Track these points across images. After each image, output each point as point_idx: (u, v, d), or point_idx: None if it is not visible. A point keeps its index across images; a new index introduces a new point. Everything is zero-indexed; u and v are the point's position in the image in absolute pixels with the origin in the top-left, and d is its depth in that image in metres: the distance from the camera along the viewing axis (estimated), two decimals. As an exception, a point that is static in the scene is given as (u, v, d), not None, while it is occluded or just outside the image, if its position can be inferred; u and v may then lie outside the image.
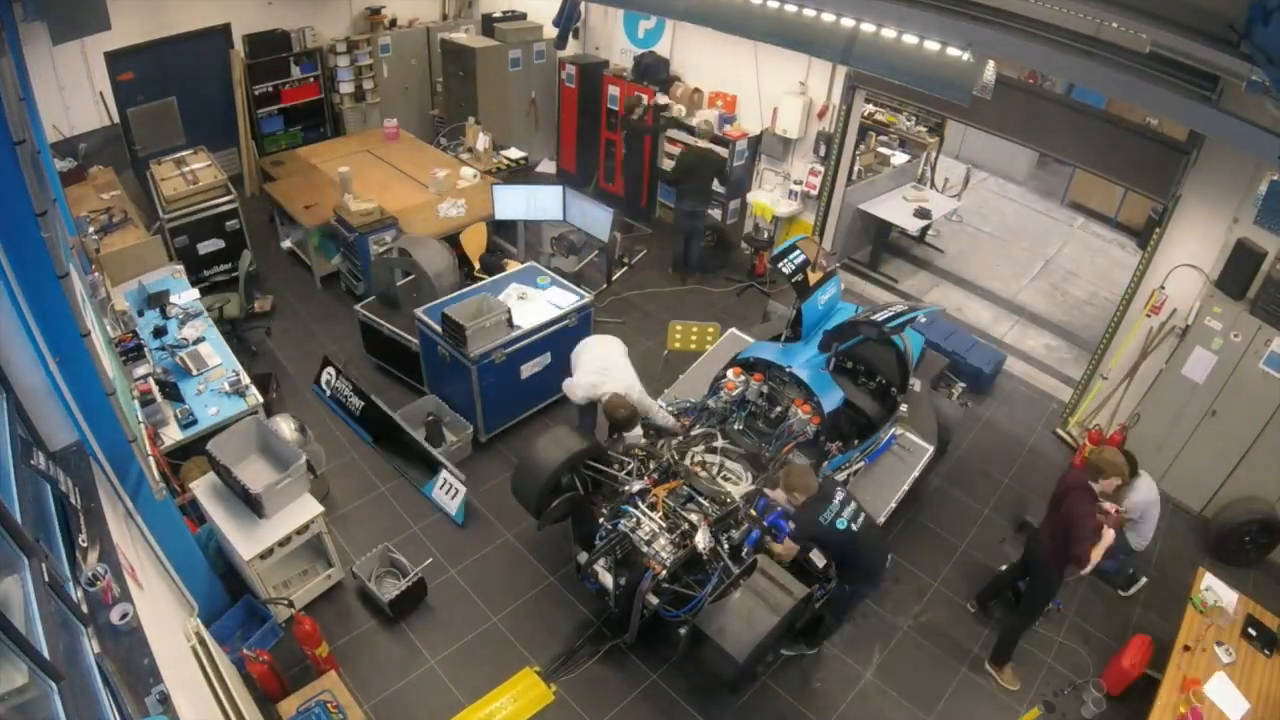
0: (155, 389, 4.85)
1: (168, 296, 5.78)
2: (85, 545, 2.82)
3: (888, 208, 8.52)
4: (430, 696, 4.30)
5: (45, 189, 3.39)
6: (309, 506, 4.42)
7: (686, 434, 4.93)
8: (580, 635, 4.65)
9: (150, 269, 6.22)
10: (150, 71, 7.92)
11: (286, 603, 4.41)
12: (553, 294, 6.18)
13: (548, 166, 9.21)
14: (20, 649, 1.97)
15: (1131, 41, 3.48)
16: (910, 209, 8.52)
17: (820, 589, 4.36)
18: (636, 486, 4.40)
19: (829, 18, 4.38)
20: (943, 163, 9.80)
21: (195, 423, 4.82)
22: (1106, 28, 3.50)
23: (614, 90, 8.81)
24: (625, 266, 7.81)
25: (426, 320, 5.69)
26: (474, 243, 7.25)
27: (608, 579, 4.34)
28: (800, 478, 3.98)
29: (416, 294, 6.22)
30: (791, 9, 4.49)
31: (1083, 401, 6.57)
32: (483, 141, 8.52)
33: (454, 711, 4.23)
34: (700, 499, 4.42)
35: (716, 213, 8.50)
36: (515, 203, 7.12)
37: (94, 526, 2.94)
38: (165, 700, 2.47)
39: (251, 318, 6.86)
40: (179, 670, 2.99)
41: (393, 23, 9.46)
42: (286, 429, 5.12)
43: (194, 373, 5.14)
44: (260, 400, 5.06)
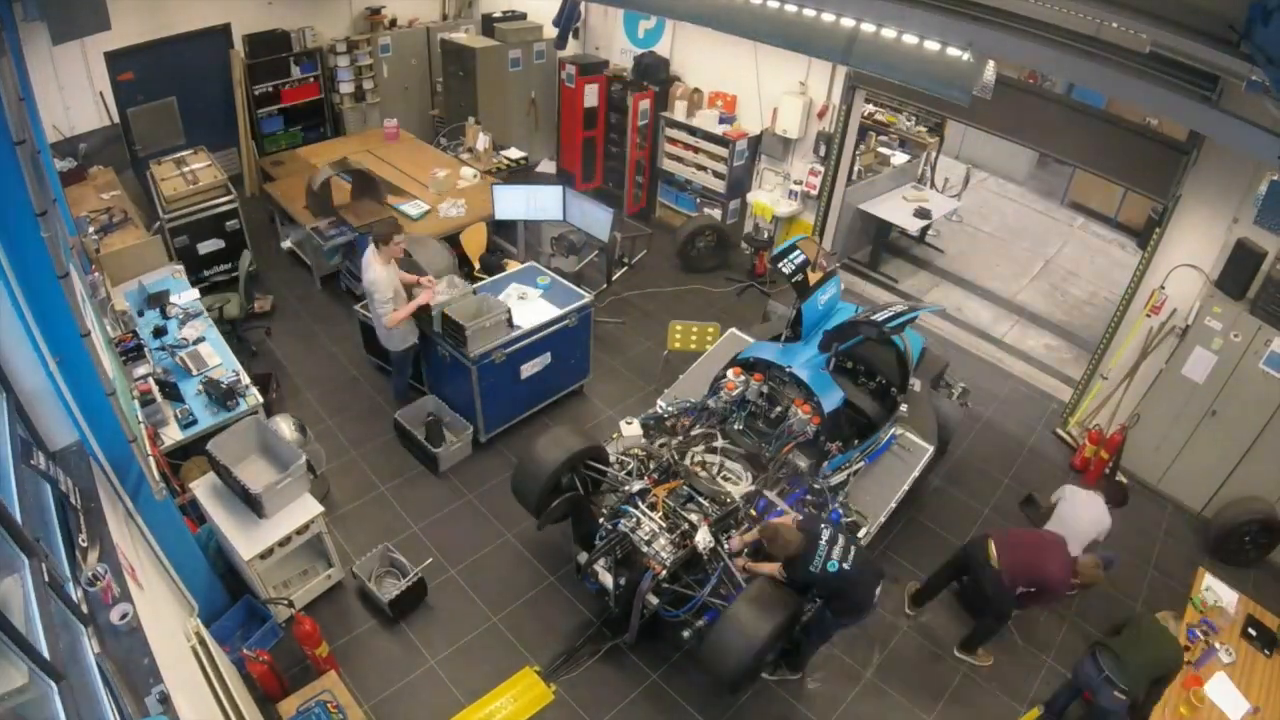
0: (155, 389, 4.85)
1: (168, 296, 5.79)
2: (85, 545, 2.82)
3: (888, 208, 8.52)
4: (430, 696, 4.30)
5: (45, 189, 3.39)
6: (309, 506, 4.42)
7: (686, 434, 4.93)
8: (580, 635, 4.64)
9: (150, 269, 6.23)
10: (150, 71, 7.91)
11: (286, 603, 4.41)
12: (539, 304, 6.04)
13: (548, 166, 9.20)
14: (20, 649, 1.97)
15: (1131, 41, 3.48)
16: (910, 209, 8.53)
17: (813, 602, 4.35)
18: (636, 486, 4.40)
19: (829, 18, 4.37)
20: (943, 163, 9.80)
21: (195, 423, 4.82)
22: (1106, 28, 3.50)
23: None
24: (625, 266, 7.81)
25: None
26: (474, 243, 7.25)
27: (608, 579, 4.34)
28: (780, 541, 3.86)
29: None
30: (791, 9, 4.49)
31: (1083, 401, 6.57)
32: (483, 141, 8.51)
33: (454, 711, 4.23)
34: (700, 499, 4.42)
35: (716, 212, 8.51)
36: (515, 203, 7.12)
37: (94, 526, 2.94)
38: (165, 700, 2.47)
39: (251, 318, 6.86)
40: (179, 670, 2.98)
41: (393, 23, 9.46)
42: (286, 429, 5.12)
43: (194, 373, 5.14)
44: (260, 400, 5.07)
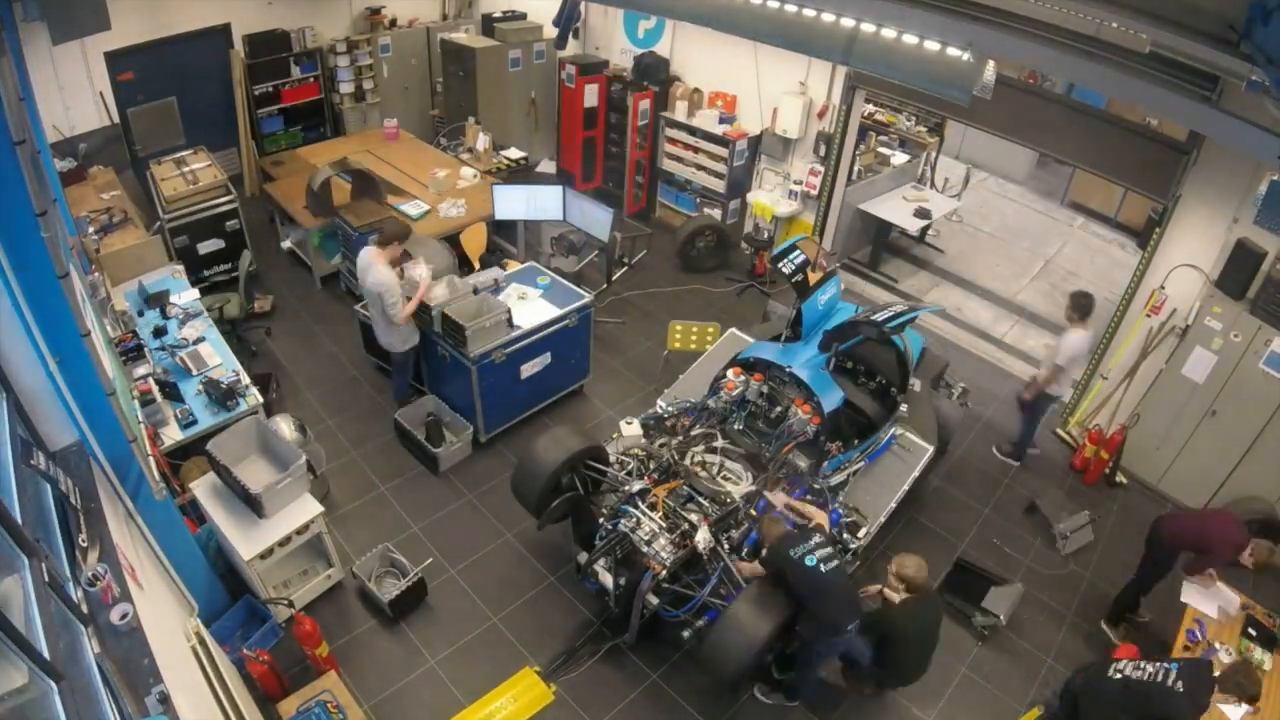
0: (155, 389, 4.85)
1: (168, 296, 5.79)
2: (85, 545, 2.82)
3: (888, 208, 8.52)
4: (430, 696, 4.30)
5: (45, 189, 3.39)
6: (309, 506, 4.42)
7: (686, 434, 4.93)
8: (580, 635, 4.64)
9: (150, 269, 6.23)
10: (150, 71, 7.92)
11: (286, 603, 4.41)
12: (539, 304, 6.03)
13: (548, 166, 9.20)
14: (20, 649, 1.97)
15: (1131, 41, 3.48)
16: (910, 209, 8.52)
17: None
18: (636, 486, 4.40)
19: (829, 18, 4.37)
20: (943, 163, 9.80)
21: (195, 423, 4.82)
22: (1106, 28, 3.50)
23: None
24: (625, 266, 7.81)
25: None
26: (474, 243, 7.25)
27: (608, 579, 4.34)
28: (771, 529, 4.01)
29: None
30: (791, 9, 4.49)
31: (1083, 401, 6.57)
32: (483, 141, 8.51)
33: (454, 711, 4.23)
34: (700, 499, 4.42)
35: (716, 212, 8.51)
36: (515, 203, 7.12)
37: (94, 526, 2.94)
38: (165, 700, 2.47)
39: (251, 318, 6.86)
40: (179, 670, 2.98)
41: (393, 23, 9.46)
42: (286, 429, 5.12)
43: (194, 373, 5.14)
44: (260, 400, 5.06)
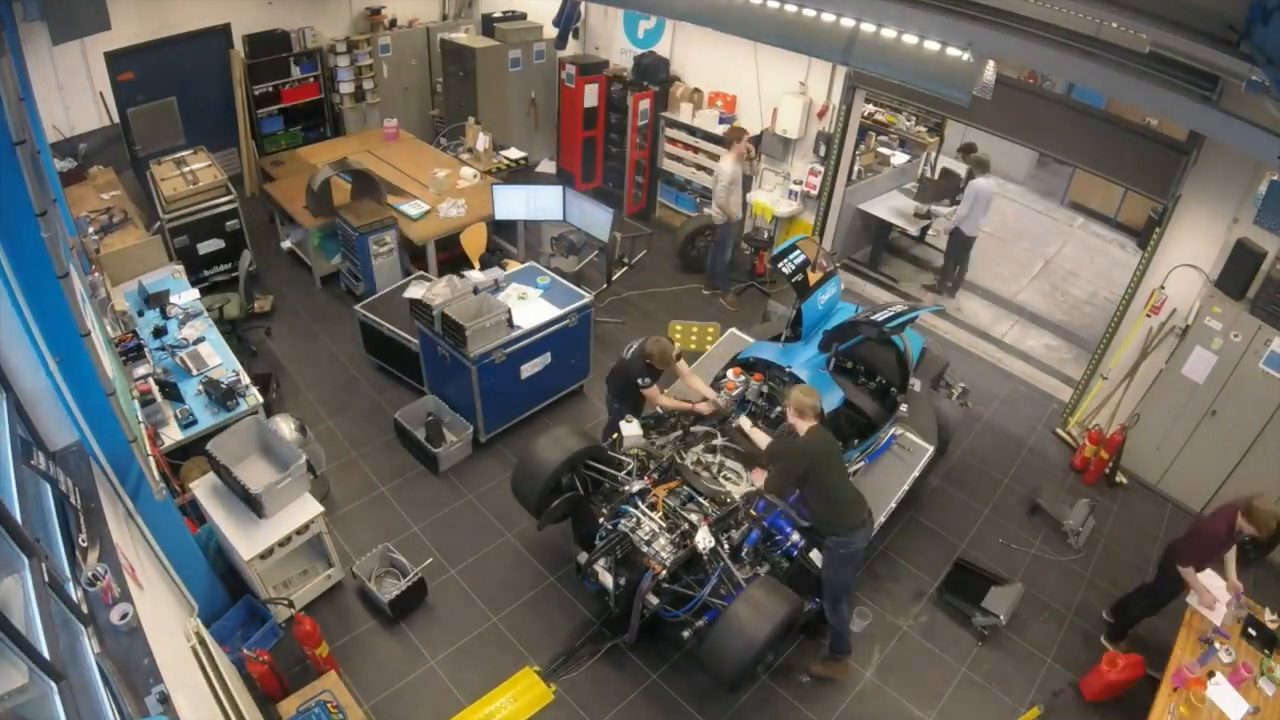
0: (155, 389, 4.85)
1: (168, 296, 5.79)
2: (85, 545, 2.82)
3: (888, 208, 8.52)
4: (430, 696, 4.30)
5: (45, 189, 3.39)
6: (309, 506, 4.42)
7: (686, 434, 4.93)
8: (580, 635, 4.64)
9: (150, 269, 6.22)
10: (150, 71, 7.91)
11: (286, 603, 4.41)
12: (539, 304, 6.04)
13: (548, 166, 9.20)
14: (20, 649, 1.97)
15: (1131, 41, 3.48)
16: (910, 209, 8.52)
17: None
18: (636, 486, 4.40)
19: (829, 18, 4.37)
20: (943, 162, 9.79)
21: (195, 423, 4.82)
22: (1106, 28, 3.50)
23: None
24: (625, 266, 7.80)
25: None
26: (474, 243, 7.25)
27: (608, 579, 4.34)
28: (656, 344, 4.69)
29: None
30: (791, 9, 4.49)
31: (1083, 401, 6.57)
32: (483, 141, 8.51)
33: (454, 711, 4.23)
34: (700, 499, 4.42)
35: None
36: (515, 203, 7.12)
37: (94, 526, 2.94)
38: (165, 700, 2.47)
39: (251, 318, 6.86)
40: (179, 670, 2.99)
41: (393, 23, 9.45)
42: (286, 429, 5.11)
43: (194, 373, 5.14)
44: (260, 400, 5.07)
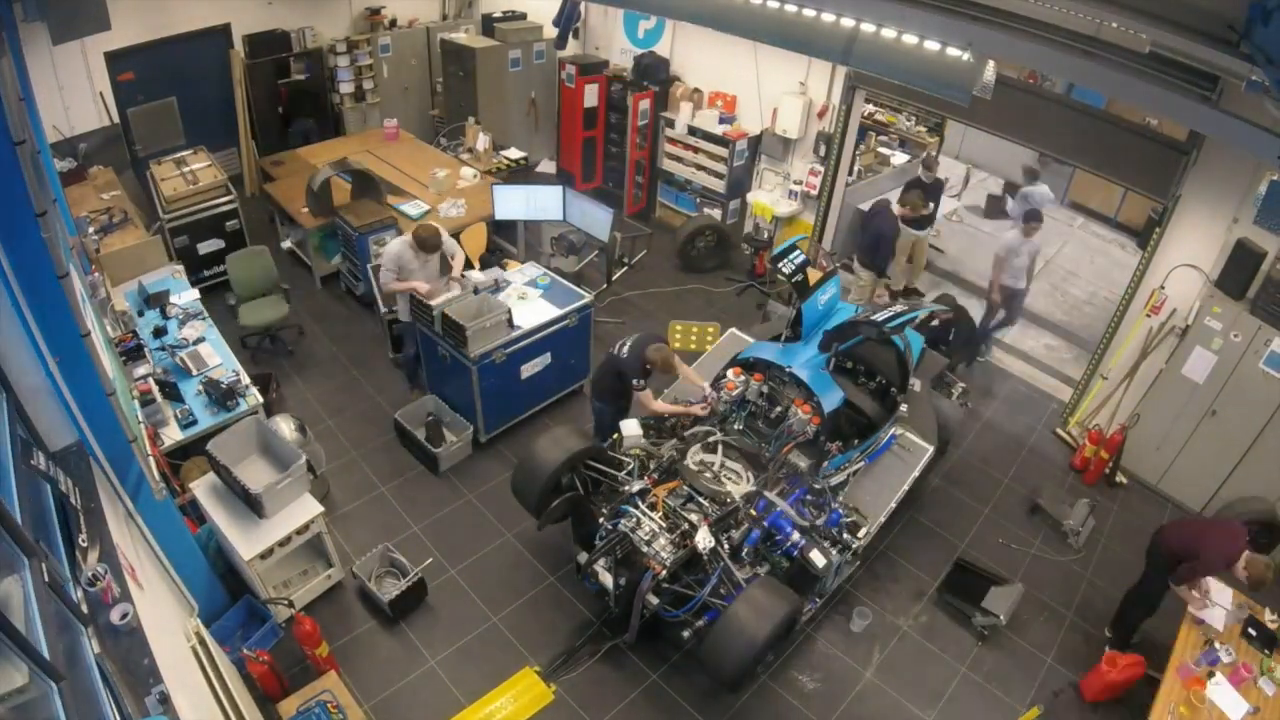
0: (155, 389, 4.85)
1: (168, 296, 5.79)
2: (85, 545, 2.82)
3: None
4: (430, 696, 4.30)
5: (45, 189, 3.39)
6: (309, 506, 4.42)
7: (686, 434, 4.93)
8: (580, 635, 4.65)
9: (150, 269, 6.23)
10: (150, 71, 7.92)
11: (286, 603, 4.41)
12: (539, 304, 6.03)
13: (548, 166, 9.21)
14: (20, 649, 1.96)
15: (1131, 41, 3.47)
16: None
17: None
18: (636, 486, 4.40)
19: (829, 18, 4.37)
20: (943, 162, 9.78)
21: (195, 423, 4.82)
22: (1106, 28, 3.49)
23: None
24: (625, 266, 7.80)
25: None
26: (474, 243, 7.25)
27: (608, 579, 4.34)
28: (658, 353, 4.87)
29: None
30: (791, 9, 4.48)
31: (1083, 401, 6.57)
32: (483, 141, 8.51)
33: (454, 711, 4.23)
34: (700, 499, 4.42)
35: (716, 212, 8.51)
36: (515, 203, 7.12)
37: (94, 526, 2.94)
38: (165, 700, 2.47)
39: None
40: (179, 670, 2.99)
41: (393, 23, 9.46)
42: (286, 429, 5.11)
43: (194, 373, 5.14)
44: (260, 400, 5.07)
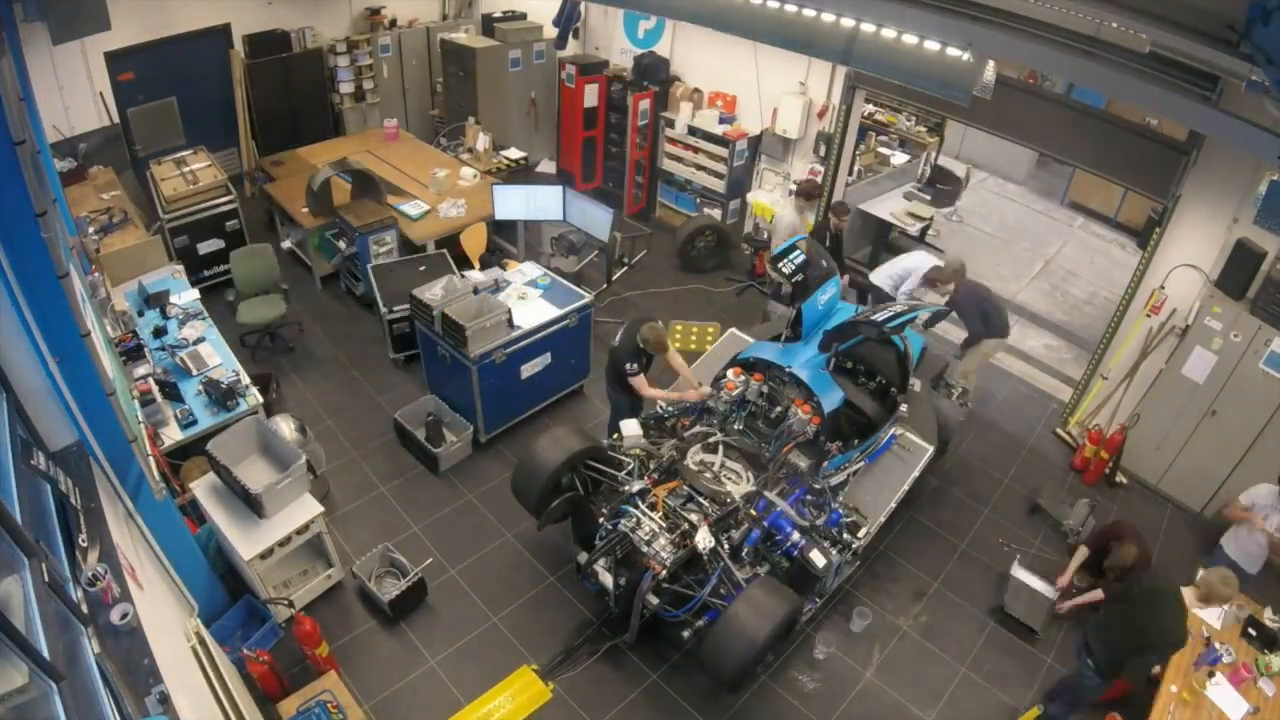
0: (155, 389, 4.85)
1: (168, 296, 5.79)
2: (85, 545, 2.81)
3: (887, 208, 8.52)
4: (430, 696, 4.30)
5: (45, 189, 3.38)
6: (309, 506, 4.42)
7: (686, 434, 4.93)
8: (580, 635, 4.65)
9: (150, 269, 6.23)
10: (150, 71, 7.92)
11: (286, 603, 4.41)
12: (539, 304, 6.00)
13: (548, 166, 9.20)
14: (20, 649, 1.96)
15: (1131, 41, 3.47)
16: (910, 208, 8.51)
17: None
18: (636, 486, 4.40)
19: (829, 18, 4.37)
20: (943, 162, 9.80)
21: (195, 423, 4.82)
22: (1106, 28, 3.49)
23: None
24: (625, 266, 7.80)
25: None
26: (474, 243, 7.25)
27: (608, 579, 4.34)
28: (652, 330, 4.88)
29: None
30: (791, 9, 4.49)
31: (1083, 401, 6.57)
32: (483, 141, 8.51)
33: (454, 711, 4.23)
34: (700, 499, 4.42)
35: (716, 212, 8.51)
36: (515, 203, 7.12)
37: (94, 526, 2.94)
38: (165, 700, 2.47)
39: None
40: (179, 670, 2.99)
41: (393, 23, 9.46)
42: (286, 429, 5.12)
43: (194, 373, 5.14)
44: (260, 400, 5.07)
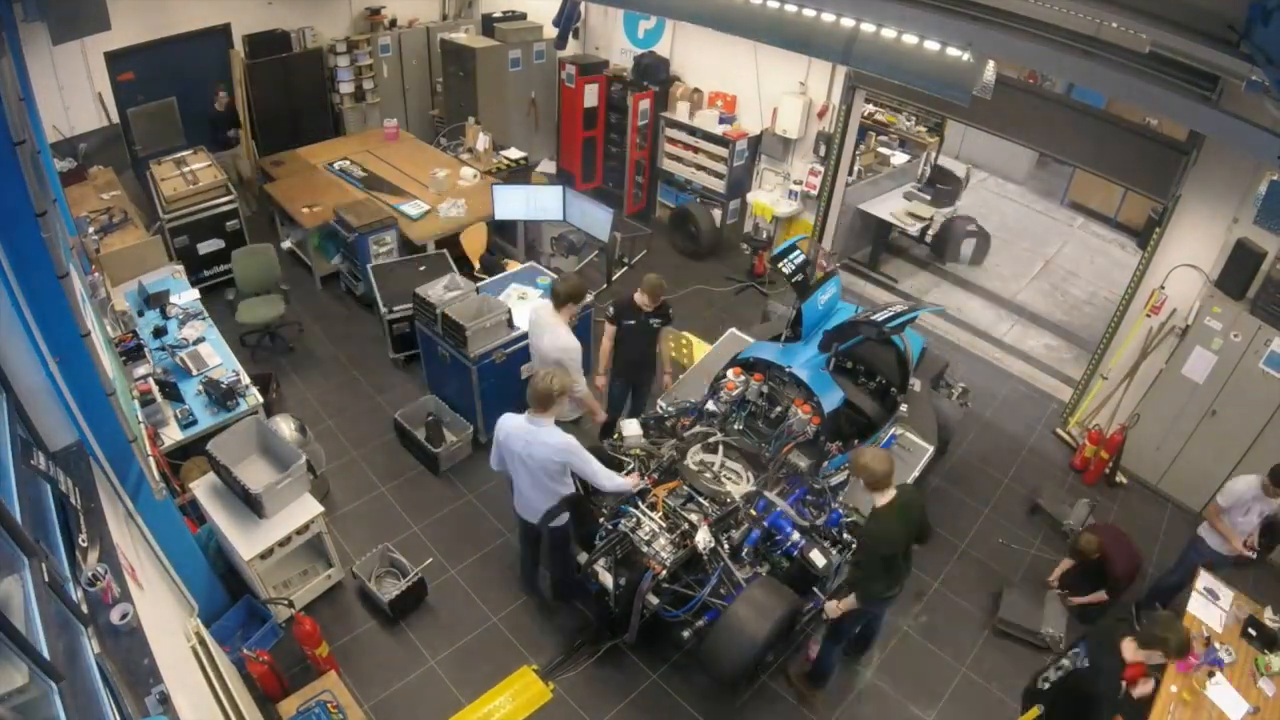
0: (155, 389, 4.85)
1: (168, 296, 5.79)
2: (85, 545, 2.82)
3: (887, 208, 8.52)
4: (430, 696, 4.30)
5: (45, 189, 3.39)
6: (309, 506, 4.42)
7: (686, 434, 4.93)
8: (580, 635, 4.65)
9: (150, 269, 6.23)
10: (150, 71, 7.91)
11: (286, 603, 4.41)
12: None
13: (548, 166, 9.21)
14: (20, 649, 1.96)
15: (1131, 41, 3.47)
16: (910, 208, 8.52)
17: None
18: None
19: (829, 18, 4.37)
20: (943, 162, 9.80)
21: (195, 423, 4.82)
22: (1106, 28, 3.49)
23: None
24: (625, 266, 7.80)
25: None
26: (474, 243, 7.25)
27: (608, 579, 4.34)
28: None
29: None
30: (791, 9, 4.49)
31: (1083, 401, 6.57)
32: (483, 141, 8.51)
33: (454, 711, 4.23)
34: (700, 499, 4.42)
35: (717, 213, 8.51)
36: (515, 203, 7.12)
37: (94, 526, 2.94)
38: (165, 700, 2.47)
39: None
40: (179, 670, 2.99)
41: (393, 23, 9.46)
42: (286, 429, 5.12)
43: (194, 373, 5.14)
44: (260, 400, 5.07)
